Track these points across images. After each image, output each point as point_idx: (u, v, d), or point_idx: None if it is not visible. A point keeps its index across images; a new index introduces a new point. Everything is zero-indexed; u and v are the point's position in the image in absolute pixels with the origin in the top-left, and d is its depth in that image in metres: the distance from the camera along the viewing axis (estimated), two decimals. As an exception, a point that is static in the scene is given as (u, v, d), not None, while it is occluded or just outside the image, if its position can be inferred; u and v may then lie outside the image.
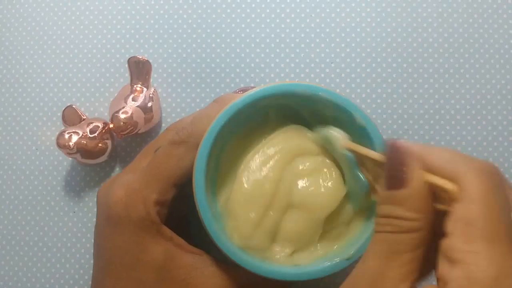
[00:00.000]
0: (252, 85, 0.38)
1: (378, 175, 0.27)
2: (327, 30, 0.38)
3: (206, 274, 0.29)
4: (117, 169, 0.38)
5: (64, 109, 0.36)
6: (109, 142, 0.36)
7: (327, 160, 0.30)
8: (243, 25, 0.38)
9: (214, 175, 0.30)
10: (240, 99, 0.29)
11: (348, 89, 0.37)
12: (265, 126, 0.31)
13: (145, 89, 0.36)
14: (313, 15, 0.38)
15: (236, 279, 0.29)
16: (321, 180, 0.29)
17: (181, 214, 0.33)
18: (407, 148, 0.22)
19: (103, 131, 0.35)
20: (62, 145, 0.35)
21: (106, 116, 0.37)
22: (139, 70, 0.36)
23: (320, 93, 0.29)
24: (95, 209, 0.35)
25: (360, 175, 0.28)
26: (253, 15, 0.38)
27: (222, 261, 0.30)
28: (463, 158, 0.22)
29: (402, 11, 0.38)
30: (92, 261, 0.32)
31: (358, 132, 0.29)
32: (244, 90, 0.33)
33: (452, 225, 0.20)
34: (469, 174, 0.21)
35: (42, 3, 0.40)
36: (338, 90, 0.37)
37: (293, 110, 0.31)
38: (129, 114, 0.35)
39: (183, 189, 0.30)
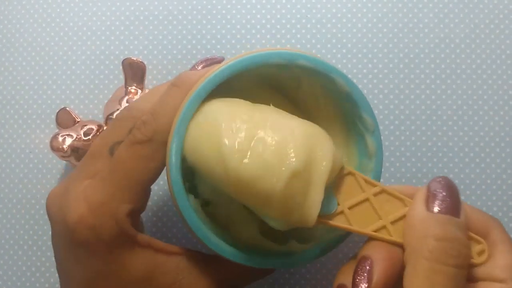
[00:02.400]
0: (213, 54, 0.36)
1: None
2: (323, 31, 0.38)
3: (194, 274, 0.27)
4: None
5: (58, 111, 0.36)
6: (103, 144, 0.36)
7: None
8: (238, 26, 0.38)
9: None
10: (204, 83, 0.25)
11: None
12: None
13: (139, 90, 0.36)
14: (309, 16, 0.38)
15: (223, 273, 0.28)
16: None
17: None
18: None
19: (98, 133, 0.35)
20: (56, 148, 0.34)
21: (101, 119, 0.37)
22: (134, 71, 0.36)
23: (299, 60, 0.26)
24: None
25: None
26: (248, 16, 0.38)
27: (204, 254, 0.29)
28: (488, 216, 0.25)
29: (398, 12, 0.38)
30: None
31: (343, 98, 0.28)
32: (206, 62, 0.30)
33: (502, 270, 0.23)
34: (497, 229, 0.24)
35: (35, 4, 0.39)
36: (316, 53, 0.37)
37: (271, 77, 0.29)
38: (123, 117, 0.34)
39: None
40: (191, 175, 0.28)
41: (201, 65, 0.29)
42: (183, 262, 0.28)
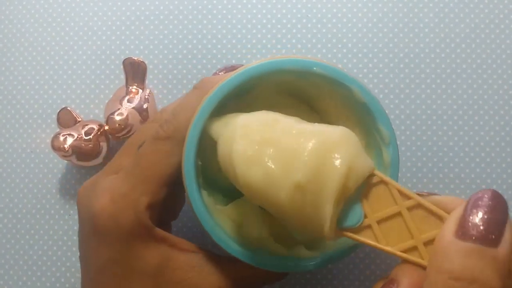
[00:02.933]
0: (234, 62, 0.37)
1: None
2: (324, 30, 0.38)
3: (204, 273, 0.28)
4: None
5: (59, 111, 0.36)
6: (104, 144, 0.36)
7: None
8: (239, 26, 0.38)
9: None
10: (221, 85, 0.26)
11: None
12: (257, 102, 0.29)
13: (140, 90, 0.36)
14: (309, 15, 0.38)
15: (234, 273, 0.28)
16: None
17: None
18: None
19: (98, 133, 0.35)
20: (57, 148, 0.34)
21: (101, 118, 0.37)
22: (135, 71, 0.36)
23: (313, 68, 0.27)
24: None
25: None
26: (249, 16, 0.38)
27: (218, 254, 0.29)
28: None
29: (398, 11, 0.38)
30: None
31: (359, 109, 0.28)
32: (227, 69, 0.31)
33: None
34: None
35: (36, 4, 0.39)
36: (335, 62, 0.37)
37: (292, 86, 0.29)
38: (124, 116, 0.34)
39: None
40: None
41: (223, 72, 0.31)
42: (195, 260, 0.28)
